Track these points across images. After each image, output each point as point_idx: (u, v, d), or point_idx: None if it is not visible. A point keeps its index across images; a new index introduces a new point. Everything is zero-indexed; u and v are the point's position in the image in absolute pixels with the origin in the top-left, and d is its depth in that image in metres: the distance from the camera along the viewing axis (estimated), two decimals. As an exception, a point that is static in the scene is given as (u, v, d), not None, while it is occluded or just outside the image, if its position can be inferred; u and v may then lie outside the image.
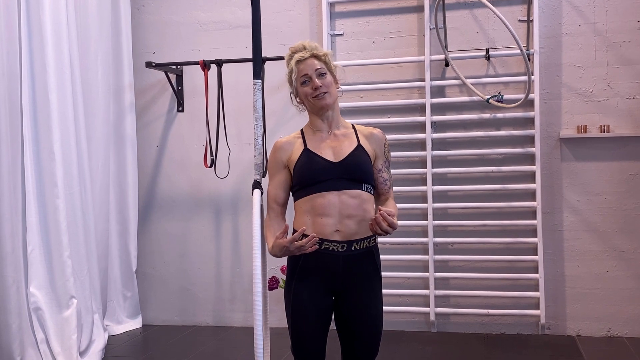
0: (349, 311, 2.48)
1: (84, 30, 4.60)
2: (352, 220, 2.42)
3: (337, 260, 2.42)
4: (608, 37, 4.49)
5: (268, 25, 4.87)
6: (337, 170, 2.43)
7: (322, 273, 2.44)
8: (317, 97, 2.46)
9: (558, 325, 4.63)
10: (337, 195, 2.40)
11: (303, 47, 2.52)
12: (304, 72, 2.48)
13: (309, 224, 2.42)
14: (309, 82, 2.47)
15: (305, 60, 2.48)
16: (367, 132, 2.57)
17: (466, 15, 4.68)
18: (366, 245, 2.47)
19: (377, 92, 4.78)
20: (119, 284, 5.07)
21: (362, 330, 2.48)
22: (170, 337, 4.89)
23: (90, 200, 4.55)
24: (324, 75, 2.48)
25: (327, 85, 2.47)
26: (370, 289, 2.49)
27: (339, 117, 2.56)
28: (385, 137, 2.58)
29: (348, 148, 2.48)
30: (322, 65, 2.49)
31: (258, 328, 2.07)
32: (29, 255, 4.10)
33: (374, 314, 2.50)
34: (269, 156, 2.56)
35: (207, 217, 5.16)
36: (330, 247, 2.41)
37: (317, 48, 2.52)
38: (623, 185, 4.51)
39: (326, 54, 2.52)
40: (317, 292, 2.45)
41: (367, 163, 2.49)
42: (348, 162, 2.45)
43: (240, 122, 4.98)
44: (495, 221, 4.61)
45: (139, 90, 5.21)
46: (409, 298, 4.82)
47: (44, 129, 4.18)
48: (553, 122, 4.58)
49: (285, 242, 2.27)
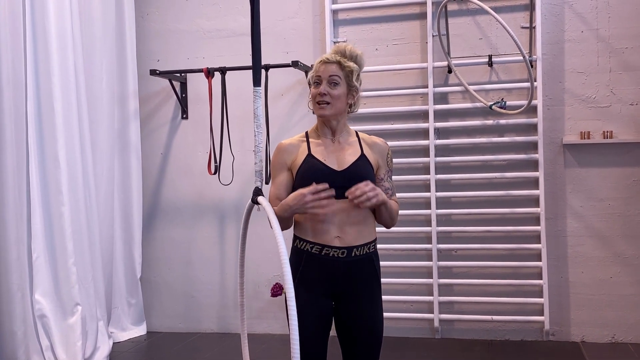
0: (349, 317, 2.49)
1: (88, 38, 4.63)
2: (352, 228, 2.43)
3: (338, 265, 2.44)
4: (611, 43, 4.50)
5: (271, 32, 4.90)
6: (339, 178, 2.43)
7: (323, 278, 2.45)
8: (318, 104, 2.47)
9: (562, 331, 4.62)
10: (338, 203, 2.40)
11: (342, 51, 2.49)
12: (319, 73, 2.47)
13: (309, 229, 2.44)
14: (318, 85, 2.47)
15: (328, 63, 2.46)
16: (371, 142, 2.56)
17: (469, 22, 4.69)
18: (366, 251, 2.48)
19: (380, 99, 4.79)
20: (123, 291, 5.08)
21: (362, 335, 2.49)
22: (175, 344, 4.90)
23: (94, 207, 4.57)
24: (336, 86, 2.45)
25: (334, 96, 2.45)
26: (369, 294, 2.50)
27: (344, 127, 2.55)
28: (388, 147, 2.57)
29: (351, 157, 2.49)
30: (339, 74, 2.46)
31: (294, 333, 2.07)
32: (34, 262, 4.12)
33: (373, 319, 2.51)
34: (272, 157, 2.56)
35: (211, 224, 5.18)
36: (331, 253, 2.43)
37: (351, 56, 2.48)
38: (626, 191, 4.51)
39: (352, 69, 2.46)
40: (317, 297, 2.46)
41: (369, 173, 2.48)
42: (351, 171, 2.45)
43: (243, 129, 5.00)
44: (499, 227, 4.61)
45: (143, 98, 5.24)
46: (412, 304, 4.82)
47: (48, 137, 4.20)
48: (556, 128, 4.58)
49: (305, 190, 2.30)
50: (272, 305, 4.91)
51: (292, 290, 2.06)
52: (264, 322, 5.01)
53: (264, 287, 4.99)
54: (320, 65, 2.48)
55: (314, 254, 2.44)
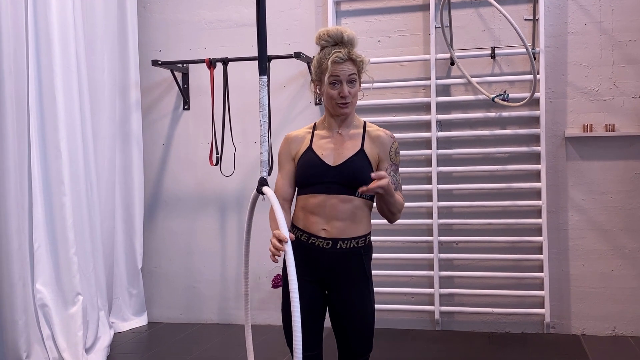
0: (339, 308, 2.51)
1: (90, 28, 4.62)
2: (339, 222, 2.45)
3: (323, 254, 2.47)
4: (614, 36, 4.49)
5: (273, 23, 4.88)
6: (331, 174, 2.45)
7: (310, 264, 2.49)
8: (340, 105, 2.46)
9: (563, 324, 4.63)
10: (327, 198, 2.43)
11: (341, 39, 2.45)
12: (337, 74, 2.43)
13: (301, 218, 2.51)
14: (337, 86, 2.44)
15: (343, 63, 2.43)
16: (375, 135, 2.52)
17: (472, 14, 4.68)
18: (353, 245, 2.48)
19: (383, 91, 4.78)
20: (124, 281, 5.09)
21: (351, 327, 2.50)
22: (176, 335, 4.90)
23: (96, 198, 4.57)
24: (354, 83, 2.46)
25: (353, 94, 2.47)
26: (357, 288, 2.50)
27: (352, 118, 2.54)
28: (393, 140, 2.52)
29: (349, 152, 2.47)
30: (355, 71, 2.46)
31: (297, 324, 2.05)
32: (35, 252, 4.12)
33: (362, 312, 2.50)
34: (280, 147, 2.59)
35: (213, 215, 5.18)
36: (317, 242, 2.47)
37: (354, 43, 2.47)
38: (628, 184, 4.51)
39: (363, 60, 2.47)
40: (306, 282, 2.45)
41: (364, 169, 2.45)
42: (344, 167, 2.45)
43: (245, 120, 4.99)
44: (500, 220, 4.61)
45: (145, 89, 5.23)
46: (413, 296, 4.82)
47: (50, 127, 4.19)
48: (558, 121, 4.58)
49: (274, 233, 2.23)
50: (273, 296, 4.92)
51: (295, 282, 2.05)
52: (264, 313, 5.01)
53: (264, 278, 4.99)
54: (334, 65, 2.42)
55: (302, 242, 2.49)
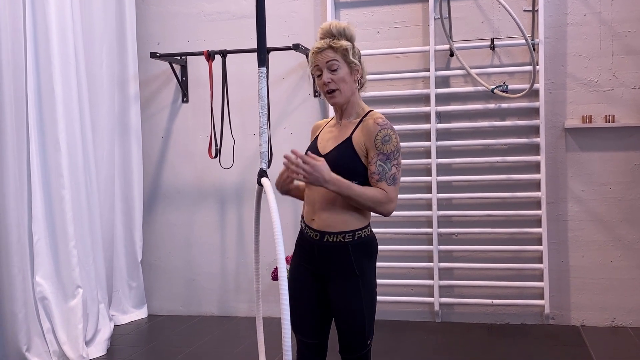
0: (330, 301, 2.51)
1: (88, 21, 4.60)
2: (326, 213, 2.44)
3: (314, 246, 2.50)
4: (613, 27, 4.48)
5: (272, 15, 4.86)
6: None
7: (307, 253, 2.54)
8: (327, 93, 2.46)
9: (562, 315, 4.63)
10: (316, 188, 2.42)
11: (329, 32, 2.45)
12: (316, 63, 2.45)
13: (304, 206, 2.58)
14: (320, 76, 2.45)
15: (321, 52, 2.43)
16: (364, 123, 2.44)
17: (471, 5, 4.66)
18: (340, 239, 2.44)
19: (382, 83, 4.77)
20: (124, 274, 5.09)
21: (339, 322, 2.49)
22: (176, 327, 4.91)
23: (95, 191, 4.56)
24: (337, 70, 2.42)
25: (337, 80, 2.42)
26: (345, 284, 2.44)
27: (352, 108, 2.50)
28: (379, 129, 2.38)
29: (337, 141, 2.46)
30: (336, 57, 2.42)
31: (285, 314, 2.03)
32: (35, 245, 4.12)
33: (349, 309, 2.44)
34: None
35: (212, 208, 5.18)
36: (309, 233, 2.51)
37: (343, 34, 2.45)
38: (628, 175, 4.50)
39: (345, 47, 2.42)
40: (302, 267, 2.56)
41: (347, 158, 2.41)
42: (329, 156, 2.42)
43: (244, 112, 4.98)
44: (500, 211, 4.61)
45: (144, 81, 5.21)
46: (413, 288, 4.83)
47: (49, 120, 4.18)
48: (558, 112, 4.57)
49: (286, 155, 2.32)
50: (273, 288, 4.92)
51: (284, 270, 2.06)
52: (264, 306, 4.99)
53: (264, 270, 4.99)
54: (314, 56, 2.45)
55: (302, 228, 2.58)
